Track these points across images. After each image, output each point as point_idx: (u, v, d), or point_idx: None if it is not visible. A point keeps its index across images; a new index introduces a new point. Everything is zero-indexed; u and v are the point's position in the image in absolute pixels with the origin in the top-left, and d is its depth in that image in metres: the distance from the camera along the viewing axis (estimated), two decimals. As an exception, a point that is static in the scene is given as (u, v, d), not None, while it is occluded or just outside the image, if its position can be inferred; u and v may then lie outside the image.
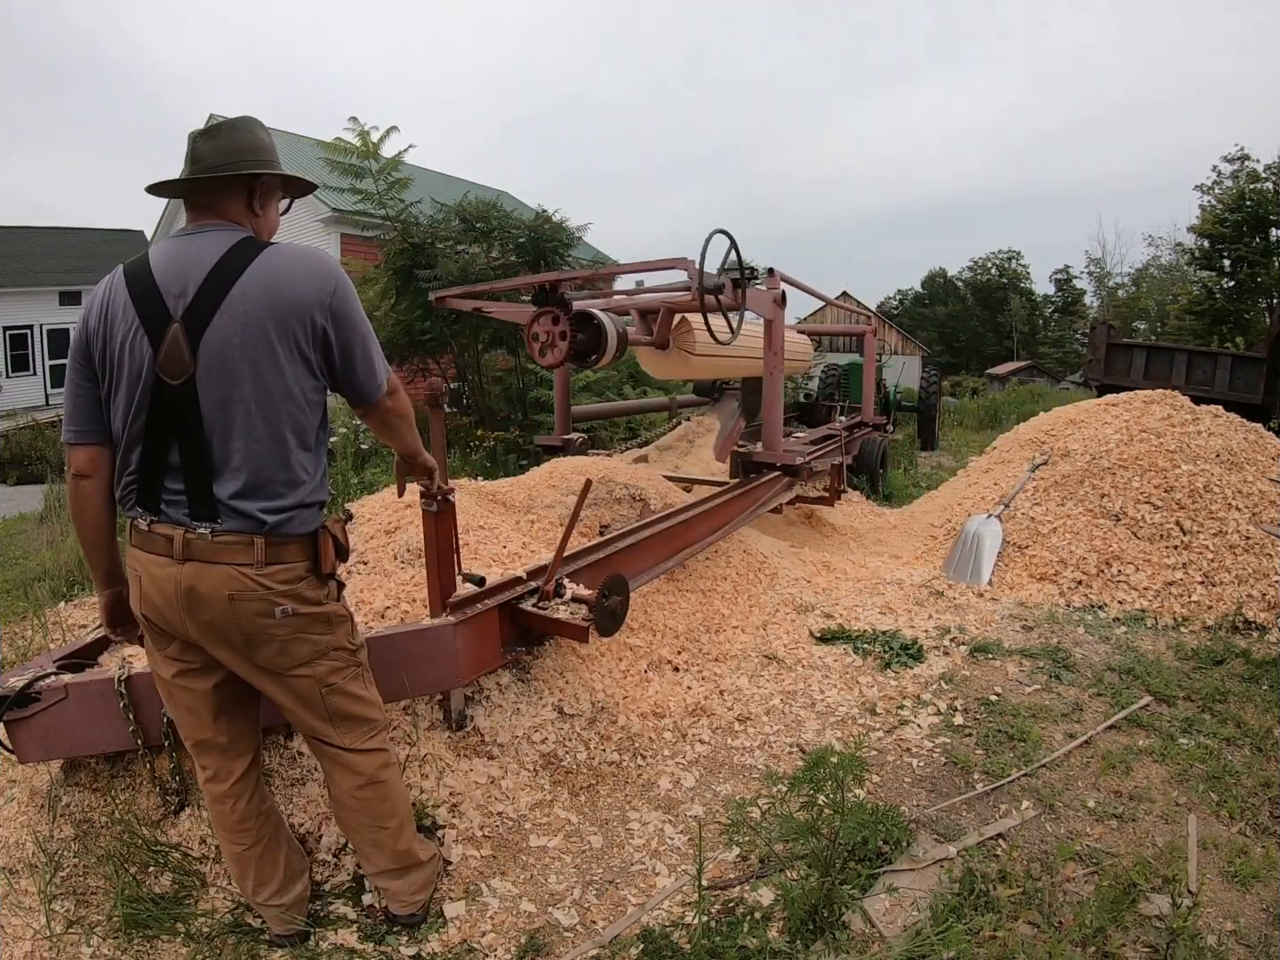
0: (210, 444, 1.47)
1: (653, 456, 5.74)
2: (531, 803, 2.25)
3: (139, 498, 1.53)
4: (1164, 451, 4.46)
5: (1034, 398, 15.58)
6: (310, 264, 1.54)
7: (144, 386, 1.46)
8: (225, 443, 1.47)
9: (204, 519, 1.48)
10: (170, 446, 1.49)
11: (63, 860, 1.97)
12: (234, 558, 1.49)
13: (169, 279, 1.46)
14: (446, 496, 2.09)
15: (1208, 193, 23.23)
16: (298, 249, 1.56)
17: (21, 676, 1.97)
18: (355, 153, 9.47)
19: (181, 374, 1.45)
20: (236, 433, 1.47)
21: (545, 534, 3.40)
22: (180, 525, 1.49)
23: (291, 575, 1.54)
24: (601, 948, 1.77)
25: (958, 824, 2.18)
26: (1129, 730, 2.71)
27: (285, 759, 2.13)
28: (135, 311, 1.46)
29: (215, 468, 1.48)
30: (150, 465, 1.51)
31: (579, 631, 2.31)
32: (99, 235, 21.54)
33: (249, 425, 1.47)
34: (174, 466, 1.50)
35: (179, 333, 1.44)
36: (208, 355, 1.44)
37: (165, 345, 1.44)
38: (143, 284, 1.47)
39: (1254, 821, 2.19)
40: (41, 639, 3.46)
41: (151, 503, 1.52)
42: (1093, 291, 36.10)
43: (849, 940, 1.72)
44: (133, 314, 1.46)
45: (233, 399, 1.46)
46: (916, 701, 2.93)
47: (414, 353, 9.18)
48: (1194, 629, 3.63)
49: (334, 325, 1.54)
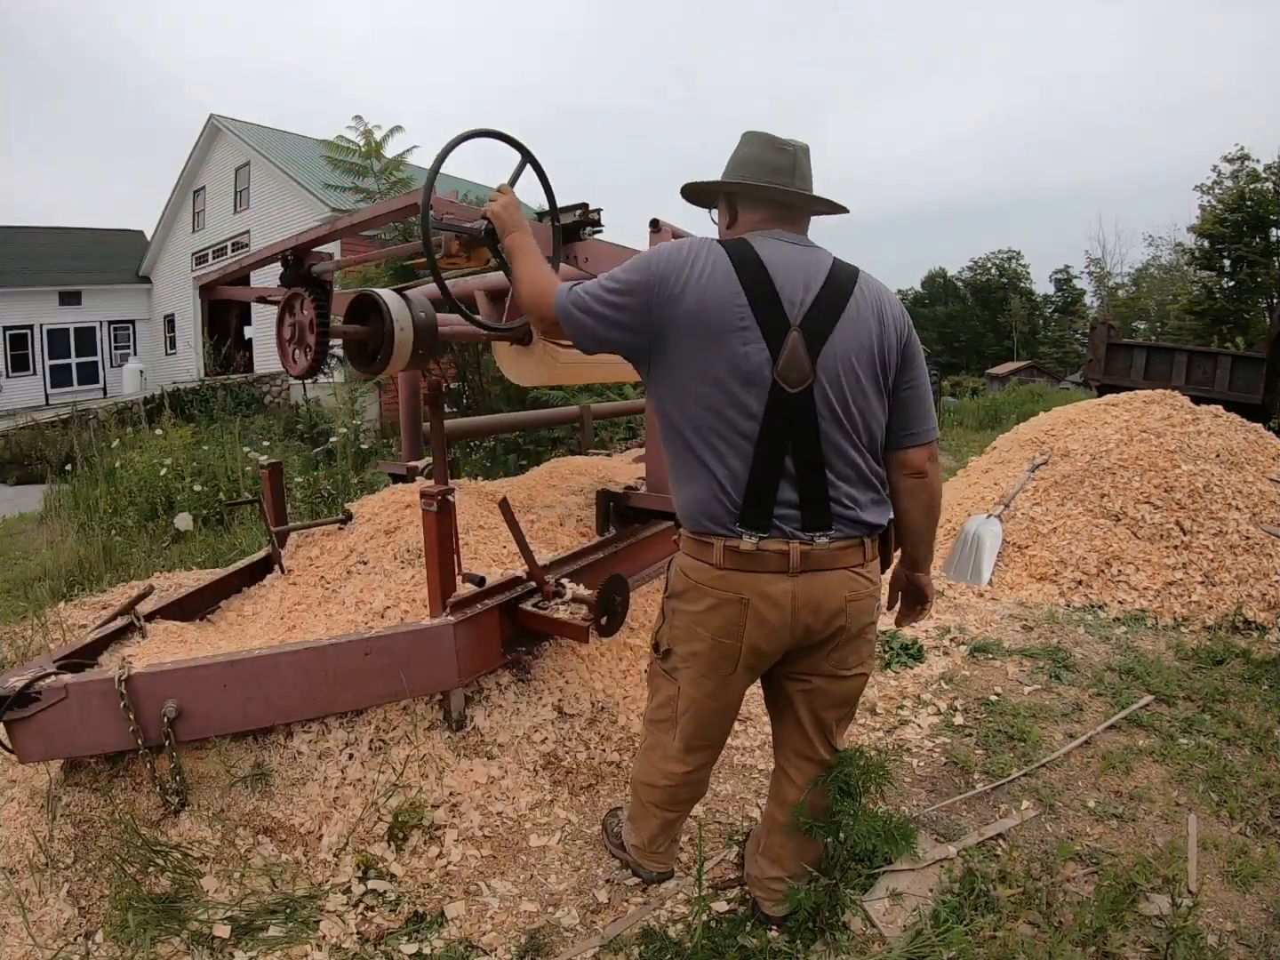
0: (824, 451, 1.44)
1: (653, 456, 5.72)
2: (531, 803, 2.25)
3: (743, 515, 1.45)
4: (1164, 451, 4.46)
5: (1034, 398, 15.56)
6: (892, 294, 1.58)
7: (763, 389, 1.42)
8: (838, 448, 1.46)
9: (821, 529, 1.46)
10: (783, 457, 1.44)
11: (63, 860, 1.97)
12: (850, 563, 1.48)
13: (788, 284, 1.43)
14: (446, 496, 2.09)
15: (1208, 193, 23.27)
16: (874, 279, 1.57)
17: (21, 676, 1.97)
18: (358, 152, 9.47)
19: (801, 381, 1.42)
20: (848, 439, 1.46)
21: (545, 534, 3.40)
22: (799, 541, 1.45)
23: (878, 572, 1.58)
24: (602, 947, 1.77)
25: (958, 824, 2.18)
26: (1129, 730, 2.71)
27: (285, 759, 2.13)
28: (751, 309, 1.41)
29: (829, 473, 1.46)
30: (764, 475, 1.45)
31: (579, 632, 2.31)
32: (99, 235, 21.54)
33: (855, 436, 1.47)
34: (792, 476, 1.45)
35: (798, 342, 1.41)
36: (826, 367, 1.42)
37: (783, 352, 1.41)
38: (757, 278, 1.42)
39: (1254, 821, 2.19)
40: (41, 639, 3.46)
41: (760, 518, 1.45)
42: (1093, 291, 36.16)
43: (849, 940, 1.72)
44: (749, 311, 1.41)
45: (846, 413, 1.45)
46: (916, 701, 2.93)
47: (414, 353, 9.17)
48: (1194, 629, 3.63)
49: (906, 355, 1.55)
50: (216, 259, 17.94)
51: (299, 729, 2.17)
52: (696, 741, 1.69)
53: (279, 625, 2.67)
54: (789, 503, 1.45)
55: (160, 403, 10.77)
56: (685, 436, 1.48)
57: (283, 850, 2.03)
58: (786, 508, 1.45)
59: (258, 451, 6.81)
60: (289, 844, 2.04)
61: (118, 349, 19.91)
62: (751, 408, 1.42)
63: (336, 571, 2.90)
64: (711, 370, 1.43)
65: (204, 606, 2.89)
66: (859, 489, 1.49)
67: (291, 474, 6.40)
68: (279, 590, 2.94)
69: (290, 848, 2.04)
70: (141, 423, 8.57)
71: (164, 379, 16.15)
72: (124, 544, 5.25)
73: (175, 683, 2.00)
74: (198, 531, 5.49)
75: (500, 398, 9.63)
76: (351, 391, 9.18)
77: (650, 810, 1.83)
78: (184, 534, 5.32)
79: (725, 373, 1.42)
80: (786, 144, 1.52)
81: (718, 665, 1.54)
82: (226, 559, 4.81)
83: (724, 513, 1.45)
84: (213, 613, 2.89)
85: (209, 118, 17.46)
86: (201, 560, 4.96)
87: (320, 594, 2.81)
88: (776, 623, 1.46)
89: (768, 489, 1.44)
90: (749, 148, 1.54)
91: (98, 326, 19.54)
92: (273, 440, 8.78)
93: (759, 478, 1.43)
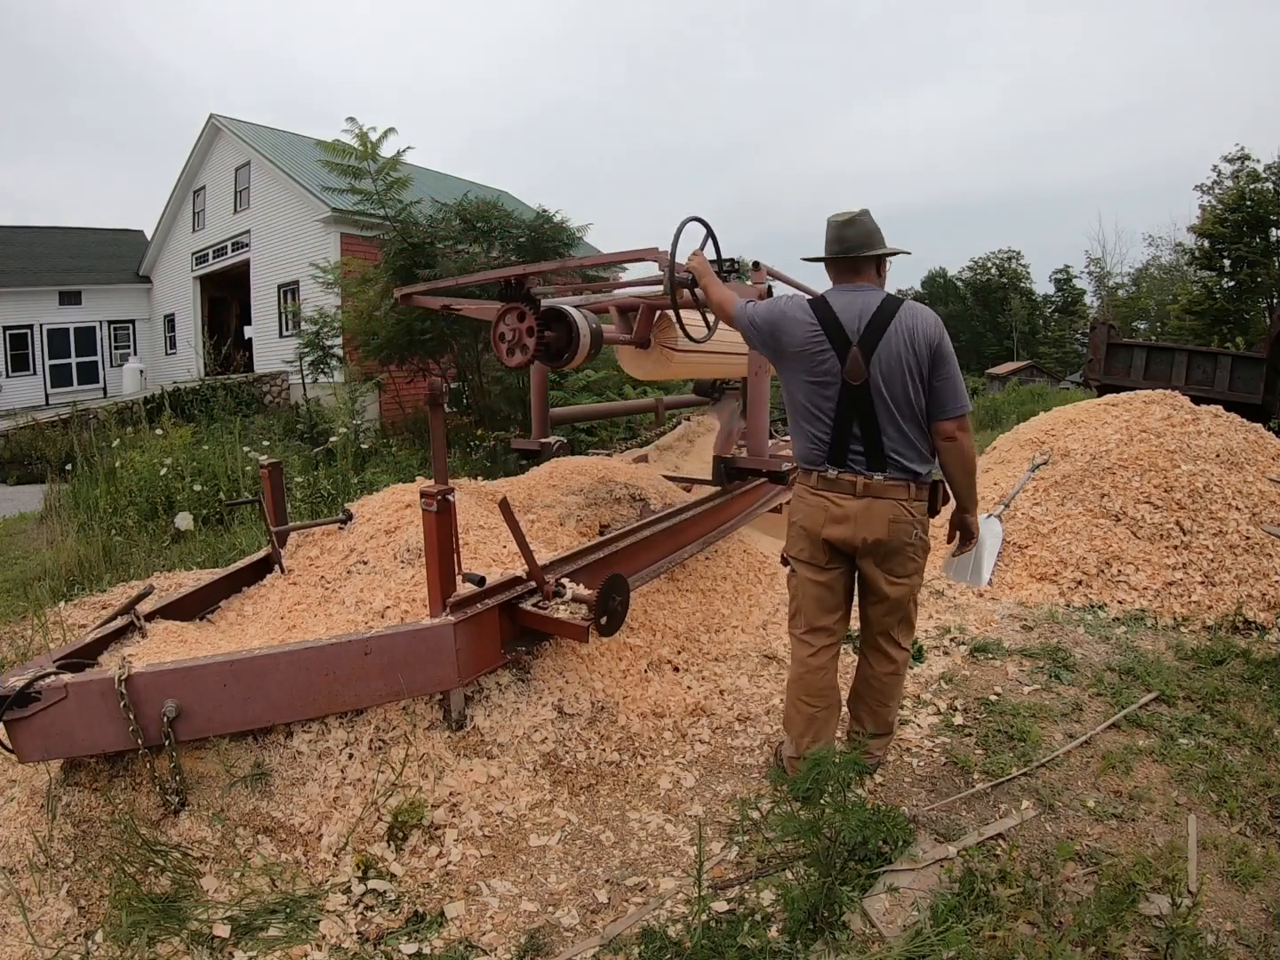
0: (879, 421, 2.17)
1: (653, 456, 5.74)
2: (531, 802, 2.25)
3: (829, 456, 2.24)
4: (1164, 451, 4.46)
5: (1034, 398, 15.58)
6: (929, 316, 2.21)
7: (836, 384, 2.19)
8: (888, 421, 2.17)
9: (877, 470, 2.19)
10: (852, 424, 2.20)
11: (63, 860, 1.97)
12: (895, 495, 2.18)
13: (848, 318, 2.18)
14: (446, 496, 2.09)
15: (1208, 193, 23.26)
16: (918, 305, 2.22)
17: (21, 676, 1.97)
18: (354, 153, 9.47)
19: (859, 378, 2.15)
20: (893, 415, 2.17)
21: (545, 534, 3.40)
22: (862, 475, 2.19)
23: (923, 511, 2.25)
24: (602, 947, 1.77)
25: (958, 824, 2.18)
26: (1129, 730, 2.70)
27: (285, 759, 2.13)
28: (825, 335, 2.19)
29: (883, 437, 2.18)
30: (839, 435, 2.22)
31: (579, 631, 2.31)
32: (99, 235, 21.53)
33: (899, 413, 2.17)
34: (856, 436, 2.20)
35: (857, 355, 2.15)
36: (876, 369, 2.14)
37: (848, 360, 2.16)
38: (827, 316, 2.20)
39: (1254, 821, 2.19)
40: (41, 639, 3.47)
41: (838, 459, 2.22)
42: (1093, 291, 36.08)
43: (849, 940, 1.72)
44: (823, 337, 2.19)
45: (891, 397, 2.16)
46: (916, 701, 2.93)
47: (414, 353, 9.18)
48: (1194, 629, 3.63)
49: (936, 358, 2.17)
50: (216, 258, 17.93)
51: (299, 729, 2.17)
52: (813, 623, 2.34)
53: (279, 625, 2.67)
54: (858, 452, 2.21)
55: (160, 402, 10.78)
56: (797, 411, 2.32)
57: (283, 850, 2.03)
58: (856, 455, 2.21)
59: (258, 451, 6.82)
60: (289, 844, 2.04)
61: (118, 349, 19.89)
62: (831, 396, 2.21)
63: (336, 571, 2.90)
64: (805, 376, 2.25)
65: (204, 606, 2.89)
66: (903, 446, 2.19)
67: (291, 474, 6.40)
68: (279, 590, 2.94)
69: (290, 847, 2.04)
70: (141, 422, 8.57)
71: (164, 379, 16.14)
72: (124, 544, 5.25)
73: (175, 682, 2.00)
74: (198, 531, 5.48)
75: (500, 398, 9.64)
76: (352, 391, 9.19)
77: (797, 705, 2.39)
78: (184, 534, 5.32)
79: (814, 376, 2.23)
80: (845, 219, 2.25)
81: (815, 555, 2.30)
82: (226, 559, 4.81)
83: (818, 456, 2.27)
84: (213, 613, 2.89)
85: (209, 117, 17.43)
86: (201, 560, 4.96)
87: (320, 594, 2.81)
88: (843, 523, 2.21)
89: (842, 443, 2.22)
90: (827, 232, 2.30)
91: (98, 326, 19.52)
92: (273, 440, 8.78)
93: (837, 436, 2.22)
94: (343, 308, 11.03)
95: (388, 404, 11.62)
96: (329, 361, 10.96)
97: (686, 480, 4.69)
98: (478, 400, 9.76)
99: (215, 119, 17.38)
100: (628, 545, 2.99)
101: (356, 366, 10.66)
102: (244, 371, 15.83)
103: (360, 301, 9.82)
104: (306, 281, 12.70)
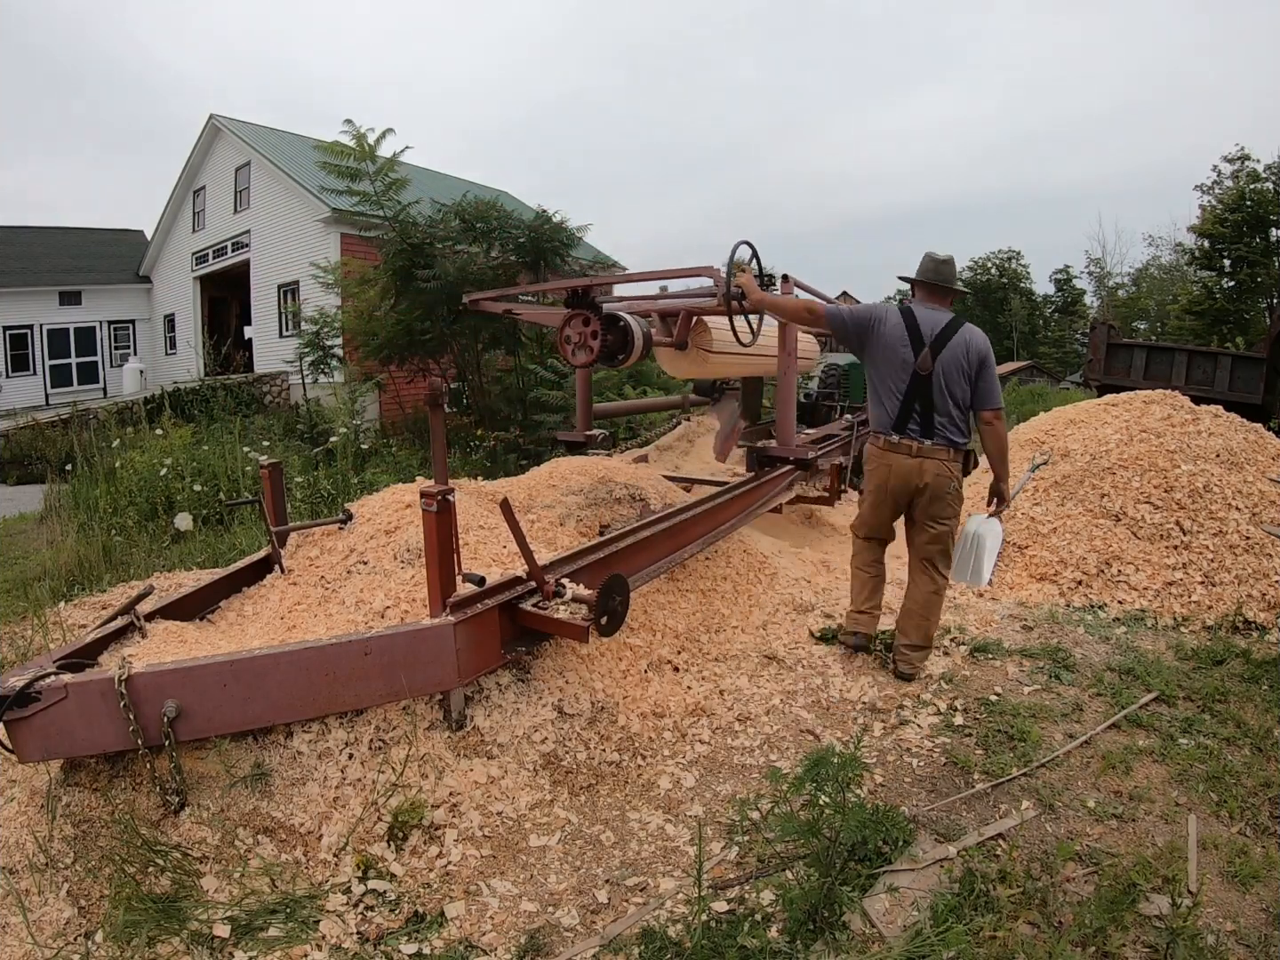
0: (934, 403, 2.95)
1: (653, 456, 5.74)
2: (531, 802, 2.25)
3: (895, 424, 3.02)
4: (1164, 451, 4.46)
5: (1034, 398, 15.58)
6: (980, 335, 3.01)
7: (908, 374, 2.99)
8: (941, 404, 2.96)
9: (928, 437, 2.97)
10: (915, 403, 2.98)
11: (62, 860, 1.97)
12: (939, 456, 2.97)
13: (925, 327, 2.97)
14: (446, 496, 2.09)
15: (1208, 193, 23.25)
16: (973, 326, 3.02)
17: (21, 676, 1.97)
18: (351, 155, 9.45)
19: (926, 370, 2.94)
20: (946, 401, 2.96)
21: (545, 534, 3.40)
22: (916, 440, 2.98)
23: (959, 470, 3.02)
24: (602, 947, 1.77)
25: (958, 824, 2.18)
26: (1129, 730, 2.70)
27: (285, 759, 2.13)
28: (908, 336, 2.97)
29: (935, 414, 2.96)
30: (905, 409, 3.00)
31: (579, 631, 2.31)
32: (99, 235, 21.51)
33: (950, 400, 2.95)
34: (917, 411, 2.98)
35: (927, 354, 2.94)
36: (939, 365, 2.93)
37: (920, 357, 2.94)
38: (911, 323, 2.98)
39: (1254, 821, 2.19)
40: (41, 639, 3.47)
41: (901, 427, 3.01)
42: (1093, 291, 36.05)
43: (849, 940, 1.72)
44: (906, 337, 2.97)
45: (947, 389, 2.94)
46: (916, 701, 2.93)
47: (414, 353, 9.18)
48: (1194, 629, 3.63)
49: (980, 366, 2.97)
50: (217, 259, 17.92)
51: (299, 729, 2.17)
52: (866, 530, 3.28)
53: (279, 625, 2.67)
54: (915, 424, 2.99)
55: (160, 403, 10.78)
56: (875, 388, 3.09)
57: (283, 850, 2.03)
58: (914, 426, 2.99)
59: (258, 451, 6.81)
60: (289, 844, 2.04)
61: (118, 349, 19.87)
62: (903, 379, 2.99)
63: (336, 571, 2.90)
64: (886, 363, 3.02)
65: (204, 607, 2.89)
66: (948, 423, 2.97)
67: (291, 474, 6.40)
68: (279, 590, 2.94)
69: (290, 848, 2.04)
70: (142, 423, 8.57)
71: (164, 379, 16.14)
72: (124, 544, 5.25)
73: (175, 683, 2.00)
74: (198, 531, 5.48)
75: (499, 397, 9.64)
76: (352, 392, 9.18)
77: (855, 574, 3.34)
78: (184, 534, 5.32)
79: (893, 363, 3.00)
80: (944, 259, 3.09)
81: (879, 496, 3.14)
82: (226, 559, 4.81)
83: (887, 424, 3.04)
84: (213, 613, 2.89)
85: (209, 117, 17.41)
86: (201, 560, 4.96)
87: (320, 594, 2.81)
88: (901, 475, 3.02)
89: (906, 416, 3.00)
90: (923, 261, 3.10)
91: (98, 326, 19.51)
92: (273, 440, 8.77)
93: (903, 411, 3.00)
94: (343, 308, 11.03)
95: (388, 404, 11.62)
96: (329, 361, 10.96)
97: (686, 480, 4.70)
98: (478, 400, 9.76)
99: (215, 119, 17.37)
100: (628, 545, 2.99)
101: (356, 367, 10.66)
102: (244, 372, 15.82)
103: (360, 302, 9.81)
104: (306, 281, 12.70)
